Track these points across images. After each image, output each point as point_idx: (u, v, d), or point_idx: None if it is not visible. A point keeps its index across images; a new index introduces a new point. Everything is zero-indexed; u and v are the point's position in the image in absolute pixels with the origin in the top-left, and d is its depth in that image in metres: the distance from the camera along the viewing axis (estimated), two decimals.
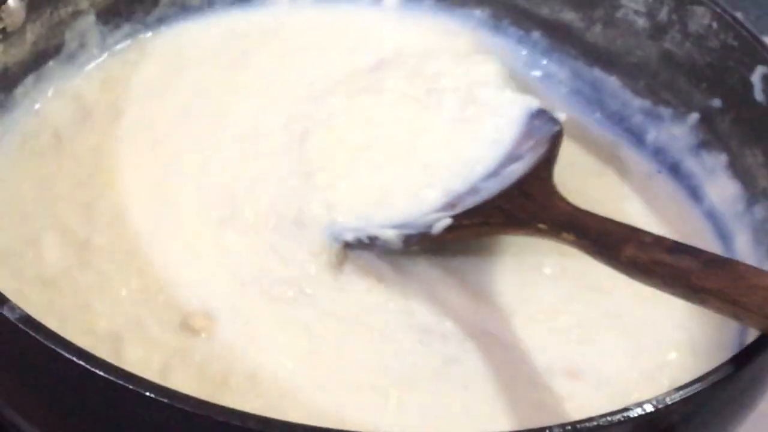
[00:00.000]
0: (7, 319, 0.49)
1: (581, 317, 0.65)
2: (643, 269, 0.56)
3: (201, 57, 0.77)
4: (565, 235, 0.61)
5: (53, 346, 0.48)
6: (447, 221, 0.65)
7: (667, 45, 0.75)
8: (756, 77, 0.69)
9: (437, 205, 0.67)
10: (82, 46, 0.75)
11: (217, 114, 0.74)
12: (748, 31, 0.71)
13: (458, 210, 0.66)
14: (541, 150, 0.68)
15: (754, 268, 0.55)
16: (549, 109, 0.72)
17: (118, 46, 0.77)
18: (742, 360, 0.52)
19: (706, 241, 0.70)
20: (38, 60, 0.72)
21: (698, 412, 0.51)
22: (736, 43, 0.71)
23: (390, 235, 0.65)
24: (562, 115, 0.72)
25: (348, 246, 0.65)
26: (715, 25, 0.72)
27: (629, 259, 0.57)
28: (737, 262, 0.56)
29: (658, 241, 0.58)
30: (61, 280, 0.63)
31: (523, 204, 0.64)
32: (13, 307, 0.49)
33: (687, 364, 0.62)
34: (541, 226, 0.62)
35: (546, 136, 0.69)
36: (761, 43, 0.70)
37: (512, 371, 0.61)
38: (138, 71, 0.76)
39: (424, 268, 0.66)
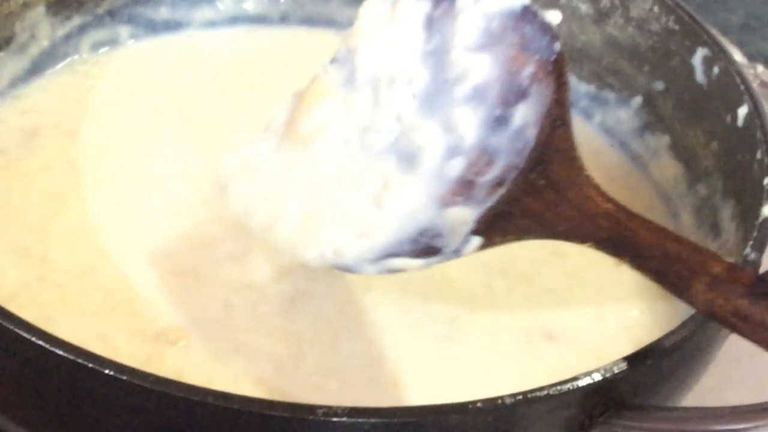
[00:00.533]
0: None
1: (550, 281, 0.66)
2: (723, 320, 0.50)
3: (161, 75, 0.78)
4: (619, 257, 0.54)
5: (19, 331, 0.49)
6: (478, 242, 0.57)
7: (610, 30, 0.77)
8: (697, 60, 0.71)
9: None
10: (33, 37, 0.75)
11: (183, 128, 0.74)
12: (688, 14, 0.72)
13: (477, 204, 0.56)
14: (547, 84, 0.56)
15: None
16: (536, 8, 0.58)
17: (74, 57, 0.78)
18: (688, 328, 0.53)
19: (657, 216, 0.72)
20: None
21: (645, 381, 0.52)
22: (677, 27, 0.73)
23: (417, 264, 0.58)
24: (555, 16, 0.58)
25: None
26: (656, 9, 0.74)
27: (704, 304, 0.50)
28: None
29: (734, 275, 0.50)
30: (21, 296, 0.62)
31: (555, 205, 0.55)
32: None
33: (648, 323, 0.65)
34: (587, 244, 0.55)
35: (546, 58, 0.56)
36: (701, 26, 0.72)
37: (497, 339, 0.63)
38: (95, 87, 0.76)
39: None
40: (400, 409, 0.49)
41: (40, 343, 0.49)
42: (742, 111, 0.66)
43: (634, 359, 0.51)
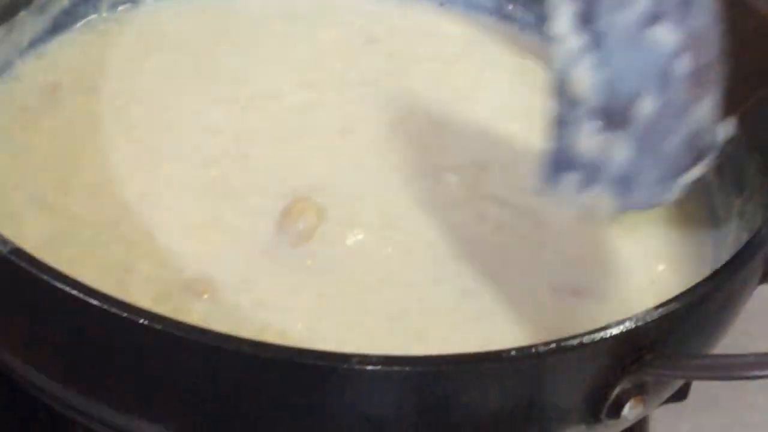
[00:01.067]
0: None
1: (577, 244, 0.67)
2: None
3: (180, 33, 0.78)
4: None
5: (49, 279, 0.49)
6: (732, 123, 0.59)
7: None
8: None
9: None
10: None
11: (203, 81, 0.75)
12: None
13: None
14: None
15: None
16: None
17: (94, 16, 0.78)
18: (718, 279, 0.54)
19: None
20: (9, 10, 0.72)
21: (675, 330, 0.53)
22: None
23: (701, 169, 0.58)
24: None
25: None
26: None
27: None
28: None
29: None
30: (45, 250, 0.62)
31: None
32: (5, 241, 0.50)
33: (674, 277, 0.65)
34: None
35: None
36: None
37: (523, 295, 0.63)
38: (115, 44, 0.76)
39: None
40: (434, 358, 0.49)
41: (75, 293, 0.48)
42: None
43: (666, 308, 0.51)
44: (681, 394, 0.61)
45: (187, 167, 0.68)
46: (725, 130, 0.58)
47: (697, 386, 0.66)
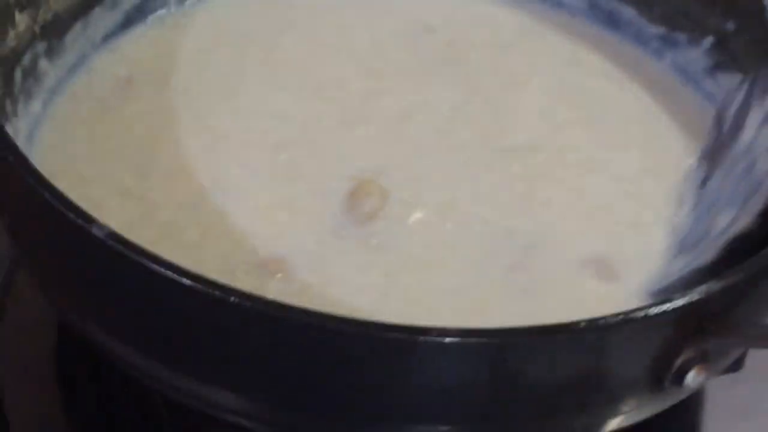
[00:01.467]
0: (96, 237, 0.53)
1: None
2: None
3: (245, 25, 0.81)
4: None
5: (144, 262, 0.52)
6: None
7: None
8: None
9: None
10: None
11: (270, 71, 0.78)
12: None
13: None
14: None
15: None
16: None
17: (162, 11, 0.81)
18: None
19: None
20: (84, 6, 0.75)
21: (736, 301, 0.55)
22: None
23: None
24: None
25: None
26: None
27: None
28: None
29: None
30: (126, 235, 0.64)
31: None
32: (101, 226, 0.53)
33: None
34: None
35: None
36: None
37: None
38: (183, 37, 0.79)
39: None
40: (507, 330, 0.52)
41: (169, 273, 0.52)
42: None
43: (727, 280, 0.54)
44: (736, 365, 0.64)
45: (257, 152, 0.71)
46: None
47: (752, 357, 0.68)
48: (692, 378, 0.55)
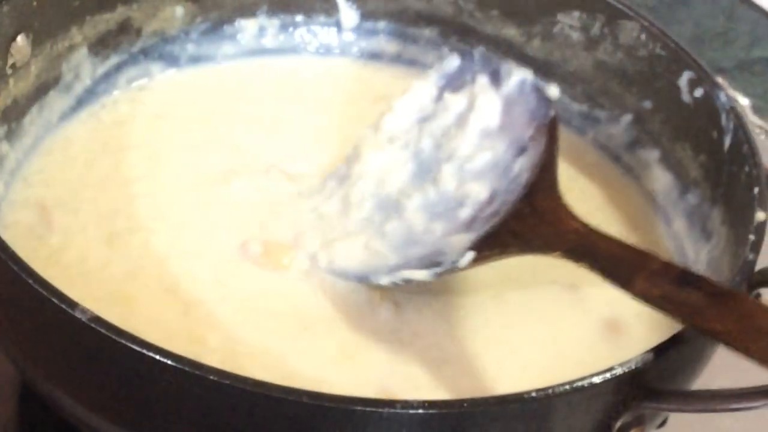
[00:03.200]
0: (79, 320, 0.56)
1: None
2: (654, 303, 0.60)
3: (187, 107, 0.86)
4: (579, 263, 0.63)
5: (125, 342, 0.56)
6: (471, 256, 0.67)
7: (600, 55, 0.85)
8: (683, 82, 0.79)
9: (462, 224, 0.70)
10: (77, 76, 0.82)
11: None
12: (673, 41, 0.81)
13: (476, 231, 0.68)
14: (541, 141, 0.70)
15: (761, 305, 0.58)
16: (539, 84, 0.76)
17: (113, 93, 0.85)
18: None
19: (651, 222, 0.81)
20: (40, 91, 0.79)
21: (668, 369, 0.60)
22: (663, 53, 0.81)
23: (424, 275, 0.68)
24: (553, 91, 0.84)
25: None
26: (643, 36, 0.82)
27: (641, 291, 0.60)
28: (744, 298, 0.60)
29: (666, 269, 0.61)
30: None
31: (535, 226, 0.67)
32: (84, 310, 0.57)
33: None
34: (556, 254, 0.65)
35: (544, 123, 0.71)
36: (685, 51, 0.80)
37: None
38: (131, 119, 0.84)
39: None
40: (467, 401, 0.56)
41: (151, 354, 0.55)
42: (728, 127, 0.75)
43: (660, 350, 0.59)
44: (662, 422, 0.69)
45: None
46: (465, 259, 0.67)
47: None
48: None
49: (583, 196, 0.82)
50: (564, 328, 0.72)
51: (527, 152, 0.70)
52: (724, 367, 0.74)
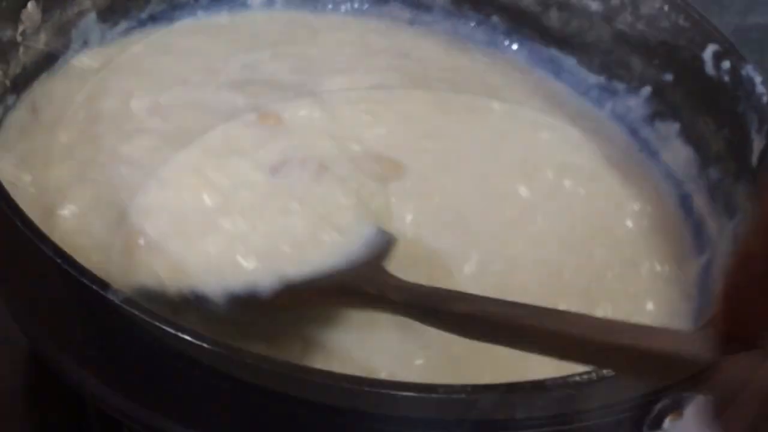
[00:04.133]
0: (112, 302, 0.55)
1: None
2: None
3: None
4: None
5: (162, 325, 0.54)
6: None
7: (619, 26, 0.84)
8: (707, 54, 0.78)
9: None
10: (85, 43, 0.79)
11: None
12: (697, 12, 0.79)
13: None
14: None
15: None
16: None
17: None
18: None
19: (668, 198, 0.80)
20: (49, 59, 0.77)
21: None
22: (687, 24, 0.79)
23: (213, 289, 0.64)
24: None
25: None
26: (666, 7, 0.81)
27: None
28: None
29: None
30: None
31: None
32: (116, 291, 0.55)
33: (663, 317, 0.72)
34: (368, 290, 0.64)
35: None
36: (710, 23, 0.79)
37: None
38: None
39: None
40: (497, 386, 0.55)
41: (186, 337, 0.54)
42: (756, 101, 0.73)
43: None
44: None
45: None
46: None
47: None
48: (669, 422, 0.59)
49: (597, 174, 0.81)
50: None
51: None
52: None
